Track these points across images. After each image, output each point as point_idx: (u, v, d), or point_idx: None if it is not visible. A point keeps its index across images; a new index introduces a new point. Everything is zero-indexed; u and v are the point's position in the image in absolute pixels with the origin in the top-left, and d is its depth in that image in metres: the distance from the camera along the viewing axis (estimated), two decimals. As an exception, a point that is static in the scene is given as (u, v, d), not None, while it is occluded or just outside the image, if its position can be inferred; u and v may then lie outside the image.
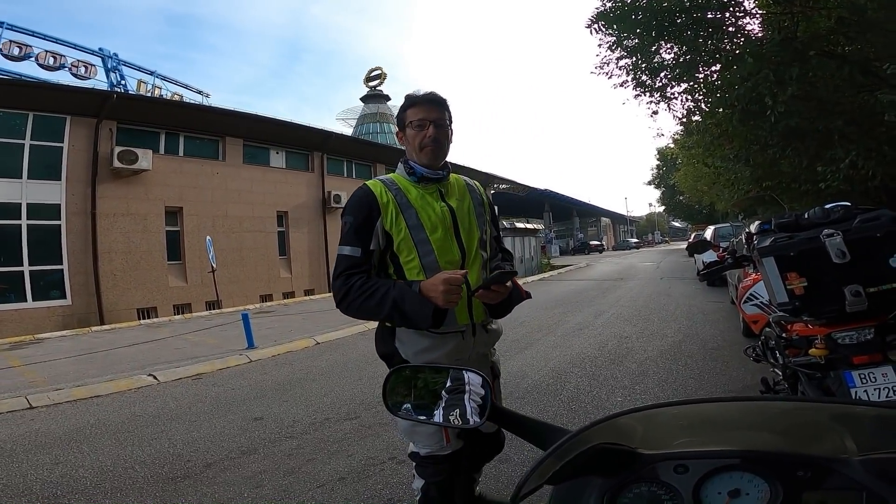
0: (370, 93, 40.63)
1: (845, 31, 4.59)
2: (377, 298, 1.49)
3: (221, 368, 6.35)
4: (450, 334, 1.60)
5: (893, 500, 0.59)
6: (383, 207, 1.57)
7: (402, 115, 1.68)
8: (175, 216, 14.75)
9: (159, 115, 14.64)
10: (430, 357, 1.57)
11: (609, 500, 0.67)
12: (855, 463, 0.62)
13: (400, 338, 1.61)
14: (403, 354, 1.60)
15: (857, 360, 2.03)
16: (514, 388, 4.50)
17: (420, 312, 1.45)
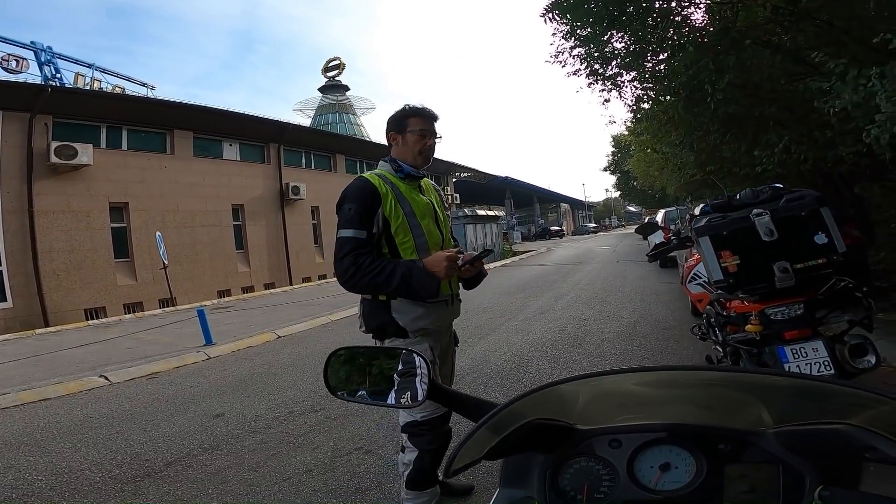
0: (328, 83, 39.69)
1: (780, 21, 4.85)
2: (385, 275, 1.72)
3: (178, 367, 6.16)
4: (438, 303, 1.88)
5: (807, 473, 0.62)
6: (383, 197, 1.82)
7: (402, 121, 1.92)
8: (121, 212, 14.05)
9: (99, 109, 13.82)
10: (424, 323, 1.86)
11: (550, 476, 0.69)
12: (770, 436, 0.65)
13: (396, 309, 1.84)
14: (401, 323, 1.84)
15: (788, 335, 2.15)
16: (477, 374, 4.59)
17: (427, 285, 1.73)
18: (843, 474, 0.62)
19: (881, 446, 0.54)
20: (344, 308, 9.74)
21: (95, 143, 13.28)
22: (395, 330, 1.85)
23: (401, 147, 1.94)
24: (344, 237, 1.78)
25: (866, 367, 2.06)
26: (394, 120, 1.95)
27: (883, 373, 3.26)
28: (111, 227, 13.67)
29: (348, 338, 7.19)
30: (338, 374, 0.95)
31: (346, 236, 1.77)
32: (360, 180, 1.87)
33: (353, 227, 1.77)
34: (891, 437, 0.53)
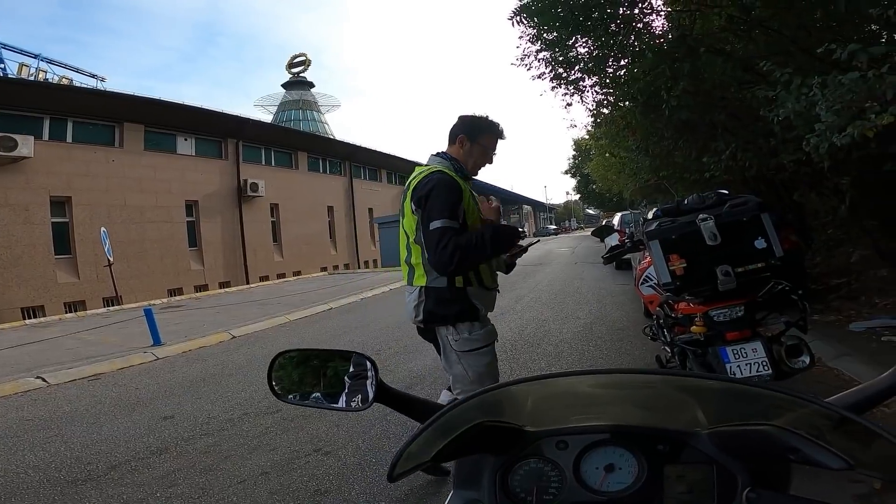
0: (293, 79, 38.81)
1: (734, 30, 5.08)
2: (477, 244, 1.88)
3: (123, 368, 5.86)
4: (494, 290, 2.17)
5: (738, 474, 0.64)
6: (463, 192, 1.98)
7: (476, 130, 2.09)
8: (63, 206, 13.29)
9: (42, 100, 13.07)
10: (489, 308, 2.12)
11: (500, 478, 0.70)
12: (704, 437, 0.67)
13: (472, 294, 2.04)
14: (478, 306, 2.05)
15: (729, 336, 2.25)
16: (438, 375, 4.58)
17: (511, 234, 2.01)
18: (772, 476, 0.65)
19: (802, 447, 0.55)
20: (303, 308, 9.54)
21: (37, 135, 12.60)
22: (472, 315, 2.03)
23: (465, 151, 2.08)
24: (442, 227, 1.88)
25: (801, 366, 2.18)
26: (470, 125, 2.09)
27: (818, 372, 3.46)
28: (52, 221, 12.91)
29: (307, 337, 7.04)
30: (290, 376, 0.93)
31: (445, 226, 1.88)
32: (444, 175, 1.98)
33: (448, 217, 1.90)
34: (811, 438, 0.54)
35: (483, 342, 2.05)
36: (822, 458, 0.53)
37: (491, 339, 2.09)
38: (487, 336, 2.07)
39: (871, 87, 2.69)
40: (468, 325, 2.03)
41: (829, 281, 5.89)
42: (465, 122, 2.10)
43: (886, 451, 0.54)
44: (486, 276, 2.07)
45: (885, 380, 0.68)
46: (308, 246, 21.04)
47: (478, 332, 2.04)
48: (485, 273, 2.07)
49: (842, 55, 2.81)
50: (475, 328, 2.04)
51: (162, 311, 10.15)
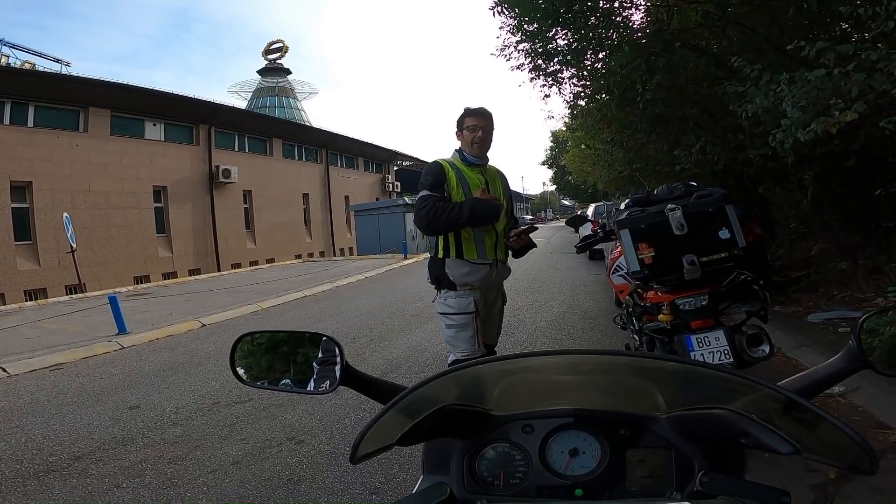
0: (269, 66, 37.82)
1: (710, 26, 5.17)
2: (458, 209, 2.17)
3: (86, 357, 5.68)
4: (482, 265, 2.30)
5: (695, 458, 0.65)
6: (447, 173, 2.28)
7: (461, 121, 2.36)
8: (23, 191, 12.74)
9: (3, 84, 12.48)
10: (470, 280, 2.29)
11: (468, 461, 0.70)
12: (662, 421, 0.69)
13: (449, 266, 2.30)
14: (451, 276, 2.29)
15: (694, 324, 2.32)
16: (413, 362, 4.60)
17: (491, 210, 2.24)
18: (728, 461, 0.66)
19: (754, 431, 0.56)
20: (276, 295, 9.40)
21: (-2, 121, 11.98)
22: (447, 283, 2.30)
23: (461, 140, 2.37)
24: (423, 195, 2.22)
25: (761, 356, 2.27)
26: (457, 121, 2.39)
27: (778, 361, 3.60)
28: (11, 206, 12.35)
29: (280, 325, 6.83)
30: (259, 362, 0.91)
31: (425, 195, 2.22)
32: (434, 161, 2.37)
33: (429, 190, 2.22)
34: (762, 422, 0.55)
35: (453, 310, 2.30)
36: (772, 443, 0.54)
37: (461, 309, 2.29)
38: (458, 305, 2.29)
39: (837, 85, 2.78)
40: (444, 291, 2.33)
41: (790, 273, 6.11)
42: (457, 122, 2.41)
43: (832, 437, 0.55)
44: (468, 250, 2.29)
45: (831, 366, 0.70)
46: (282, 233, 20.70)
47: (451, 301, 2.30)
48: (467, 247, 2.29)
49: (810, 53, 2.89)
50: (449, 296, 2.31)
51: (128, 298, 9.85)
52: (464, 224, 2.22)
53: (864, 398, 2.86)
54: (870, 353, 0.70)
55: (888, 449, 2.37)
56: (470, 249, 2.28)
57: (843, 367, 0.70)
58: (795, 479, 2.05)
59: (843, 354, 0.71)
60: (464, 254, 2.28)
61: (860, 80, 2.71)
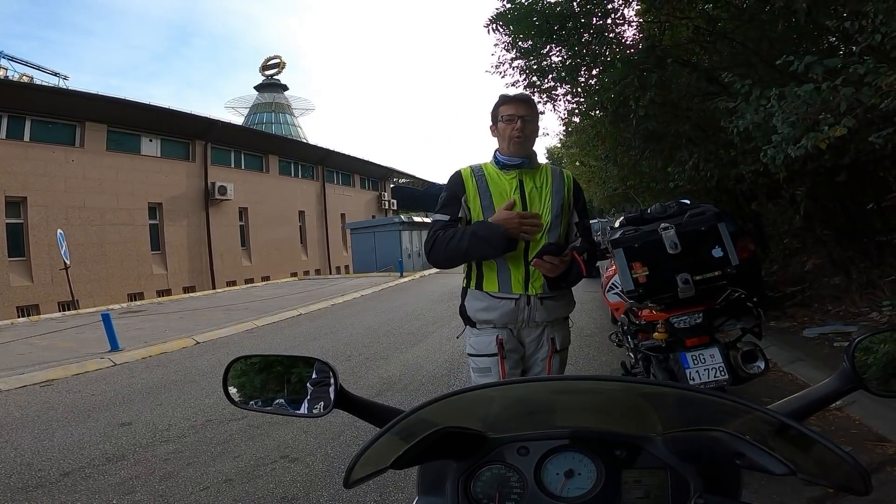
0: (266, 81, 38.10)
1: (701, 41, 5.27)
2: (458, 237, 1.75)
3: (77, 373, 5.60)
4: (504, 299, 1.81)
5: (691, 479, 0.66)
6: (467, 187, 1.84)
7: (495, 112, 1.89)
8: (18, 207, 12.67)
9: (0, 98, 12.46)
10: (486, 317, 1.83)
11: (463, 483, 0.70)
12: (658, 441, 0.69)
13: (468, 298, 1.89)
14: (468, 312, 1.88)
15: (689, 342, 2.34)
16: (409, 381, 4.56)
17: (495, 234, 1.71)
18: (723, 482, 0.66)
19: (748, 452, 0.56)
20: (272, 313, 9.34)
21: (-6, 135, 12.03)
22: (467, 318, 1.90)
23: (497, 137, 1.90)
24: (432, 220, 1.88)
25: (756, 371, 2.28)
26: (491, 112, 1.93)
27: (774, 376, 3.59)
28: (6, 222, 12.29)
29: (275, 344, 6.89)
30: (252, 382, 0.90)
31: (433, 220, 1.87)
32: (455, 172, 1.93)
33: (439, 212, 1.86)
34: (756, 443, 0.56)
35: (474, 350, 1.86)
36: (766, 464, 0.54)
37: (481, 350, 1.84)
38: (478, 345, 1.85)
39: (826, 99, 2.83)
40: (468, 328, 1.91)
41: (785, 288, 6.13)
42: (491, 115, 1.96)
43: (824, 457, 0.55)
44: (488, 280, 1.82)
45: (826, 386, 0.71)
46: (278, 251, 20.64)
47: (472, 339, 1.87)
48: (488, 276, 1.82)
49: (799, 67, 2.93)
50: (471, 334, 1.89)
51: (121, 315, 9.75)
52: (467, 256, 1.79)
53: (861, 411, 2.86)
54: (864, 372, 0.70)
55: (886, 461, 2.36)
56: (491, 279, 1.81)
57: (837, 388, 0.70)
58: (794, 493, 2.04)
59: (838, 375, 0.71)
60: (483, 284, 1.83)
61: (849, 95, 2.74)
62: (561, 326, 1.91)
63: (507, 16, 5.62)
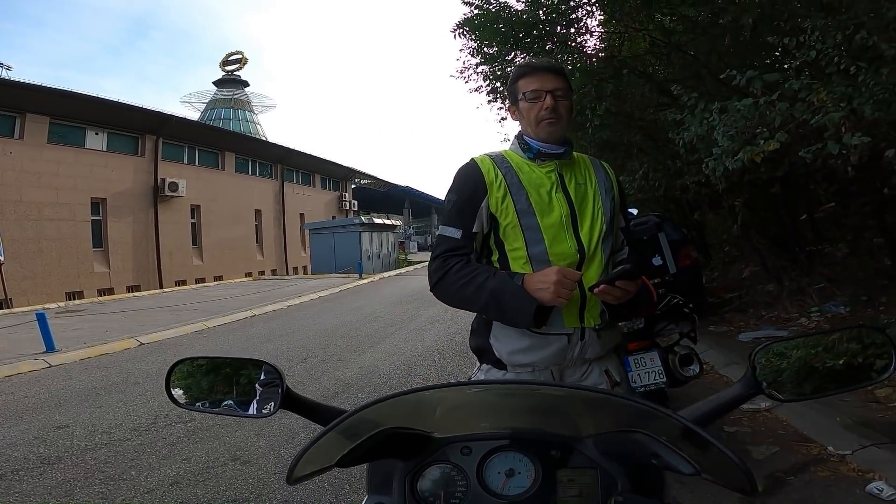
0: (226, 77, 36.88)
1: (656, 52, 5.51)
2: (475, 286, 1.30)
3: (9, 375, 5.27)
4: (553, 336, 1.35)
5: (619, 478, 0.70)
6: (489, 186, 1.35)
7: (512, 88, 1.43)
8: (-54, 200, 11.73)
9: None
10: (527, 359, 1.37)
11: (409, 482, 0.73)
12: (588, 442, 0.74)
13: (495, 334, 1.40)
14: (497, 352, 1.40)
15: (631, 346, 2.45)
16: (366, 383, 4.54)
17: (520, 309, 1.26)
18: (648, 481, 0.71)
19: (662, 452, 0.61)
20: (223, 314, 9.04)
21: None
22: (492, 358, 1.41)
23: (519, 120, 1.44)
24: (439, 235, 1.41)
25: (691, 374, 2.45)
26: (508, 89, 1.48)
27: (711, 378, 3.79)
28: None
29: (226, 346, 6.68)
30: (199, 384, 0.90)
31: (440, 234, 1.40)
32: (465, 164, 1.43)
33: (450, 224, 1.38)
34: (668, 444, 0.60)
35: None
36: (676, 464, 0.59)
37: None
38: None
39: (763, 114, 3.01)
40: (486, 367, 1.46)
41: (724, 294, 6.49)
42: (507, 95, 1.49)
43: (723, 460, 0.59)
44: None
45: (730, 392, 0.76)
46: (232, 250, 19.98)
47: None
48: None
49: (741, 81, 3.11)
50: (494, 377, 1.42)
51: (58, 315, 9.20)
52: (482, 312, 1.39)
53: (788, 412, 3.05)
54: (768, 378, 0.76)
55: (810, 461, 2.52)
56: None
57: (740, 393, 0.75)
58: (725, 490, 2.18)
59: (741, 382, 0.76)
60: None
61: (783, 110, 2.93)
62: (612, 357, 1.50)
63: (474, 21, 5.72)
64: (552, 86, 1.36)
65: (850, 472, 2.38)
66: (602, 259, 1.36)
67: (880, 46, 2.82)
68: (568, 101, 1.38)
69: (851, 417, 2.82)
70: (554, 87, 1.36)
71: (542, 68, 1.39)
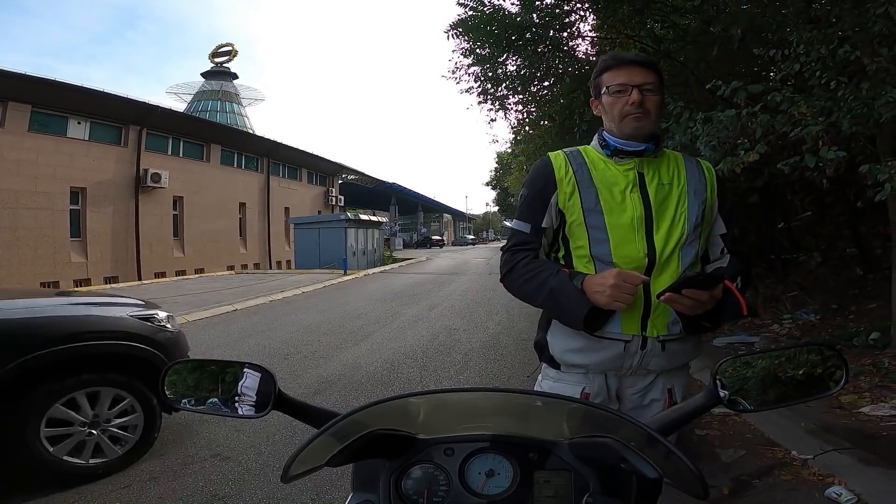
0: (215, 68, 36.36)
1: None
2: (536, 283, 1.29)
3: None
4: (608, 340, 1.29)
5: (591, 480, 0.74)
6: (559, 182, 1.32)
7: (597, 81, 1.37)
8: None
9: None
10: (579, 360, 1.33)
11: (395, 481, 0.77)
12: (564, 446, 0.78)
13: (552, 331, 1.38)
14: (551, 349, 1.38)
15: None
16: (348, 380, 4.53)
17: (574, 311, 1.23)
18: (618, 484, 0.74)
19: (629, 457, 0.64)
20: (204, 308, 8.92)
21: None
22: (547, 356, 1.40)
23: (603, 116, 1.38)
24: (511, 228, 1.41)
25: None
26: (592, 84, 1.42)
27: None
28: None
29: (205, 341, 6.57)
30: (185, 381, 0.92)
31: (513, 228, 1.40)
32: (540, 159, 1.41)
33: (520, 219, 1.38)
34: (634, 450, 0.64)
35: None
36: (642, 468, 0.63)
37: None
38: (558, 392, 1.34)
39: (745, 125, 3.08)
40: (544, 366, 1.44)
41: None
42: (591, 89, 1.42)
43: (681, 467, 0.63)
44: None
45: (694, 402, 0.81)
46: (214, 243, 19.71)
47: (550, 382, 1.40)
48: None
49: (726, 91, 3.17)
50: (549, 375, 1.41)
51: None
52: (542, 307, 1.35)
53: (756, 418, 3.14)
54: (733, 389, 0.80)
55: (775, 465, 2.61)
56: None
57: (703, 403, 0.80)
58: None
59: (704, 392, 0.81)
60: None
61: (764, 122, 3.00)
62: (680, 374, 1.40)
63: (468, 23, 5.75)
64: (640, 80, 1.28)
65: (812, 475, 2.46)
66: (678, 266, 1.27)
67: (863, 61, 2.89)
68: (658, 97, 1.30)
69: (816, 423, 2.93)
70: (642, 82, 1.28)
71: (630, 61, 1.33)
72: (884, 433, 2.79)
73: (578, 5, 5.47)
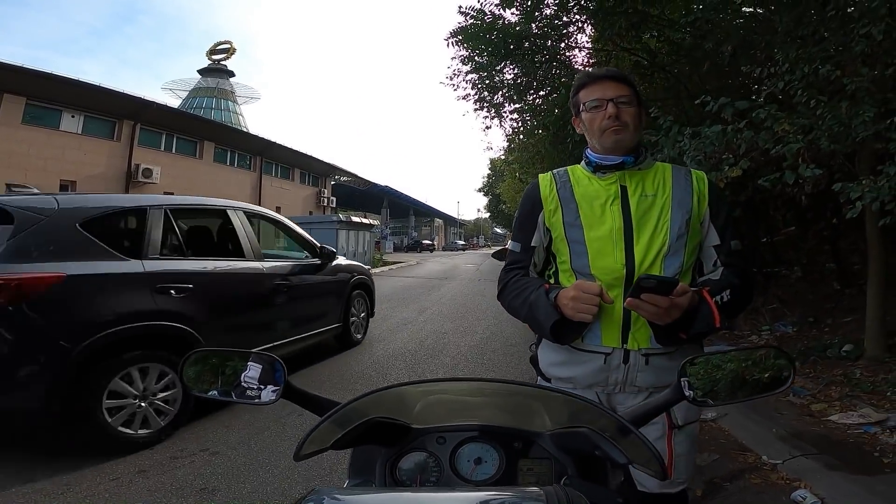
0: (211, 66, 36.16)
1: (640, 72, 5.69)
2: (521, 300, 1.32)
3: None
4: (588, 353, 1.30)
5: (568, 466, 0.82)
6: (544, 200, 1.37)
7: (574, 100, 1.40)
8: None
9: None
10: (562, 373, 1.35)
11: (390, 466, 0.85)
12: (546, 436, 0.86)
13: (542, 345, 1.43)
14: (540, 363, 1.43)
15: None
16: (337, 381, 4.57)
17: (544, 323, 1.25)
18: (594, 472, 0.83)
19: (603, 445, 0.72)
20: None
21: None
22: (539, 370, 1.45)
23: (585, 133, 1.40)
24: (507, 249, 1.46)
25: None
26: (571, 103, 1.44)
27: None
28: None
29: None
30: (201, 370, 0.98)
31: (508, 248, 1.46)
32: (532, 182, 1.47)
33: (513, 238, 1.45)
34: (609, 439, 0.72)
35: None
36: (614, 455, 0.71)
37: None
38: None
39: (730, 141, 3.18)
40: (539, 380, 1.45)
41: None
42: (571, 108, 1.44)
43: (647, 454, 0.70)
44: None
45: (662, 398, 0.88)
46: (204, 241, 19.59)
47: None
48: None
49: (714, 107, 3.27)
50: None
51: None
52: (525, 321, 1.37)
53: (730, 423, 3.26)
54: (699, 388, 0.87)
55: (746, 469, 2.70)
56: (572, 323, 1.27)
57: (669, 399, 0.87)
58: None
59: (671, 389, 0.88)
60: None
61: (748, 138, 3.09)
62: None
63: (468, 31, 5.84)
64: (614, 93, 1.31)
65: (780, 479, 2.56)
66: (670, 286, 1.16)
67: (843, 80, 3.00)
68: (633, 108, 1.32)
69: (786, 429, 3.03)
70: (616, 95, 1.31)
71: (602, 76, 1.35)
72: (850, 440, 2.90)
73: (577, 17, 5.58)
